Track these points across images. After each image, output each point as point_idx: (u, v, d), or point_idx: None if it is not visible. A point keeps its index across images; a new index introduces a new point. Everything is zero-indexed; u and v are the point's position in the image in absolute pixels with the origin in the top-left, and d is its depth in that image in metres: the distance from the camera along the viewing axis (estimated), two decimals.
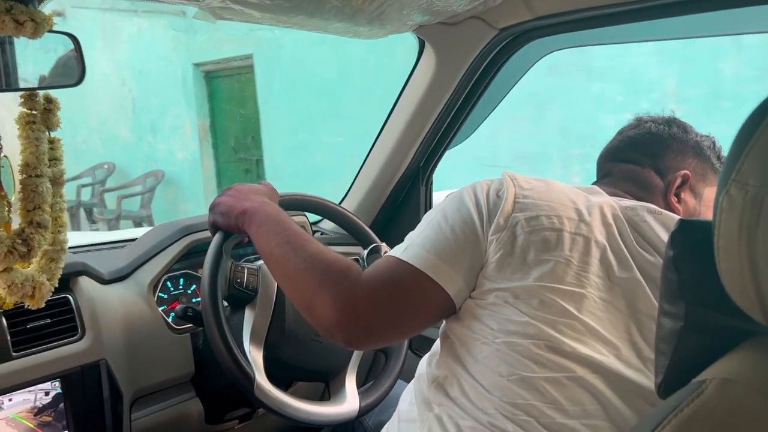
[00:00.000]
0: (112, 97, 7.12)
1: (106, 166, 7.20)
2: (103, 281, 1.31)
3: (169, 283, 1.43)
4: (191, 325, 1.35)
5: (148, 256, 1.40)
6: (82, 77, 1.01)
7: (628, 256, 0.85)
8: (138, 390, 1.29)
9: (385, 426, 0.97)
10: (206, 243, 1.18)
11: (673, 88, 3.72)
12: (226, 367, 1.08)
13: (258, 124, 6.02)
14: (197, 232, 1.42)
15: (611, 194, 0.94)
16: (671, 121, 1.05)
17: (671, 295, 0.59)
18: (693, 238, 0.57)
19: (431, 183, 1.75)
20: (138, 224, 6.54)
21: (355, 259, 1.62)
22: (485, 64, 1.45)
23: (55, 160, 1.01)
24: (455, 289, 0.84)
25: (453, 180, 1.49)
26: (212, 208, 1.10)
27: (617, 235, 0.86)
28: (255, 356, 1.14)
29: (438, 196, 1.85)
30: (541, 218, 0.84)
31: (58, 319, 1.18)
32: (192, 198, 6.79)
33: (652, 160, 1.01)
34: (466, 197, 0.90)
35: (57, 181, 1.02)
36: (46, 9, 0.91)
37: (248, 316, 1.18)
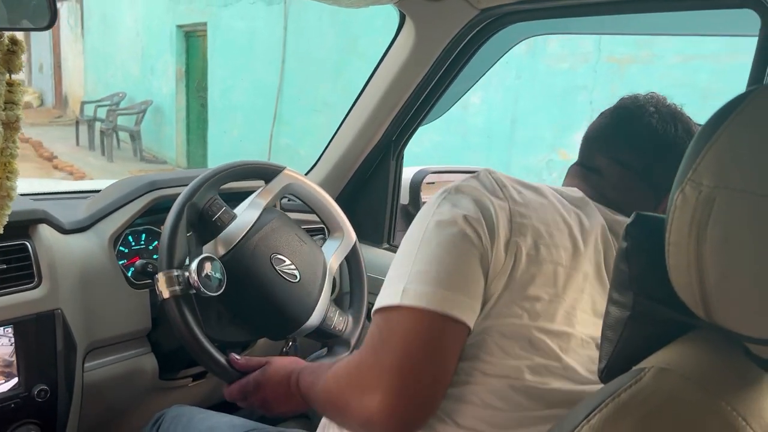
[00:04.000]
0: (130, 44, 10.42)
1: (120, 94, 10.42)
2: (64, 231, 1.29)
3: (130, 238, 1.41)
4: (151, 281, 1.34)
5: (111, 208, 1.38)
6: (52, 21, 0.97)
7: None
8: (92, 342, 1.28)
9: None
10: (171, 200, 1.17)
11: None
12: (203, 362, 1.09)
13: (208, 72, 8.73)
14: (163, 188, 1.41)
15: (599, 201, 0.89)
16: (677, 118, 0.93)
17: (621, 285, 0.61)
18: (647, 232, 0.59)
19: (402, 158, 1.75)
20: (132, 137, 9.72)
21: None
22: (464, 43, 1.45)
23: (11, 103, 0.97)
24: (473, 319, 0.75)
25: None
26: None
27: (603, 264, 0.82)
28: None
29: (408, 172, 1.86)
30: (541, 248, 0.77)
31: (15, 265, 1.16)
32: (168, 121, 9.59)
33: (649, 168, 0.92)
34: (453, 214, 0.77)
35: (11, 126, 0.98)
36: None
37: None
